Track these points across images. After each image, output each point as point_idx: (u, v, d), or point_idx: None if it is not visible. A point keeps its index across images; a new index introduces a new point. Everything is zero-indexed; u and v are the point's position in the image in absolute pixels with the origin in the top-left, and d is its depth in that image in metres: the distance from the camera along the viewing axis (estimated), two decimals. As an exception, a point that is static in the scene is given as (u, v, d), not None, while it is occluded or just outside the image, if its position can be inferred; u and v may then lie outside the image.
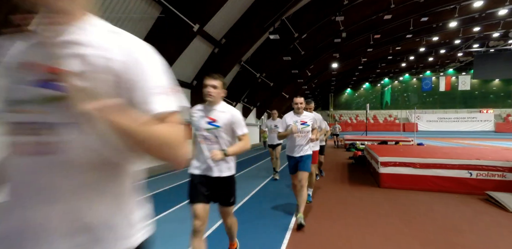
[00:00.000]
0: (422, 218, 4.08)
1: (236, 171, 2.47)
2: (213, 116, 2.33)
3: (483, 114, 39.05)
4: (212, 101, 2.34)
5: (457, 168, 5.53)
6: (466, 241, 3.30)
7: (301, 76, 21.68)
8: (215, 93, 2.33)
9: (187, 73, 10.25)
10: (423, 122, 39.58)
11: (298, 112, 3.96)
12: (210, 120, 2.32)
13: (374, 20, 16.30)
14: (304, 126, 3.91)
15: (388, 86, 38.37)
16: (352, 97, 47.86)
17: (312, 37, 15.80)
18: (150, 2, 7.08)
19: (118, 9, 6.48)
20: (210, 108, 2.36)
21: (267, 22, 10.58)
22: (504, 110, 39.51)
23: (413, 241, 3.29)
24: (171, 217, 4.22)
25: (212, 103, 2.36)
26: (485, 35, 23.37)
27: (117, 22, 6.64)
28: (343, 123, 39.89)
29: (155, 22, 7.59)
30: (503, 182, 5.26)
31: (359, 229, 3.68)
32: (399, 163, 5.90)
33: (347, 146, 15.10)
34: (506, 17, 19.37)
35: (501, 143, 18.20)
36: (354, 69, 31.99)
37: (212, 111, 2.34)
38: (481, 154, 6.66)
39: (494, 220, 3.99)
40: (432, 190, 5.62)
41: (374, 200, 5.06)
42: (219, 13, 8.54)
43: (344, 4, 12.53)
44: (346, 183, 6.58)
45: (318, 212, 4.40)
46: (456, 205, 4.73)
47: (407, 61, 32.10)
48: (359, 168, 8.70)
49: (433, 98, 43.25)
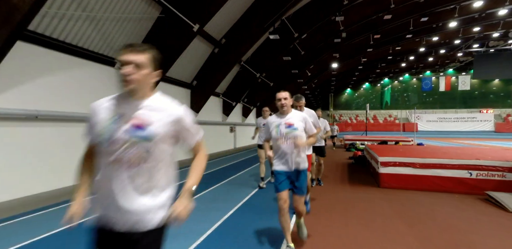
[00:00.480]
0: (422, 218, 4.08)
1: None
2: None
3: (483, 115, 39.04)
4: None
5: (457, 168, 5.53)
6: (466, 241, 3.30)
7: (301, 76, 21.67)
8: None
9: (187, 73, 10.25)
10: (423, 122, 39.57)
11: (282, 111, 3.03)
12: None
13: (374, 20, 16.29)
14: (291, 130, 2.93)
15: (388, 86, 38.39)
16: (352, 97, 47.85)
17: (312, 37, 15.79)
18: (150, 2, 7.08)
19: (118, 9, 6.48)
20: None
21: (267, 22, 10.57)
22: (504, 110, 39.50)
23: (413, 241, 3.29)
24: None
25: None
26: (485, 35, 23.36)
27: (117, 22, 6.64)
28: (343, 124, 39.92)
29: (155, 22, 7.58)
30: (503, 182, 5.26)
31: (359, 229, 3.68)
32: (399, 163, 5.90)
33: (347, 146, 15.10)
34: (506, 17, 19.36)
35: (501, 143, 18.19)
36: (354, 69, 31.97)
37: None
38: (481, 154, 6.66)
39: (494, 220, 3.99)
40: (432, 190, 5.62)
41: (374, 200, 5.06)
42: (219, 13, 8.54)
43: (344, 4, 12.52)
44: (346, 183, 6.58)
45: (318, 212, 4.40)
46: (456, 205, 4.73)
47: (407, 61, 32.08)
48: (359, 168, 8.70)
49: (433, 98, 43.25)
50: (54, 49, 5.58)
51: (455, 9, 17.07)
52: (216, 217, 4.17)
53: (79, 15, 5.73)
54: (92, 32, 6.25)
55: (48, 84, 5.48)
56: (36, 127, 5.26)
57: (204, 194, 5.69)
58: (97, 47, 6.57)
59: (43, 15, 5.08)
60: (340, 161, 10.45)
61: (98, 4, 5.99)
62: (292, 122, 2.94)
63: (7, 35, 4.17)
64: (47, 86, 5.46)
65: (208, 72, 10.90)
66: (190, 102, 11.05)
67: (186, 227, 3.77)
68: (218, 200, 5.21)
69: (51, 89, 5.54)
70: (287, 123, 2.94)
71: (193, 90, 10.99)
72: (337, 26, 15.03)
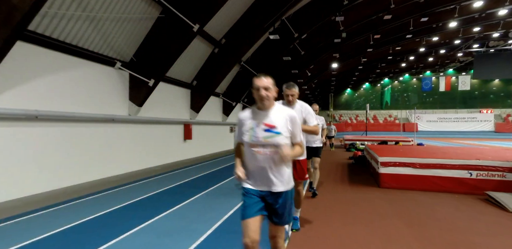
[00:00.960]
0: (422, 218, 4.08)
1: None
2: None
3: (483, 115, 38.99)
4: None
5: (457, 168, 5.53)
6: (466, 241, 3.30)
7: (301, 76, 21.66)
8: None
9: (187, 73, 10.25)
10: (423, 122, 39.53)
11: (261, 105, 2.09)
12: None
13: (374, 20, 16.28)
14: (270, 135, 2.02)
15: (388, 86, 38.38)
16: (352, 97, 47.81)
17: (312, 37, 15.79)
18: (150, 2, 7.07)
19: (118, 9, 6.48)
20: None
21: (267, 22, 10.58)
22: (504, 110, 39.45)
23: (413, 241, 3.29)
24: (174, 215, 4.23)
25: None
26: (485, 35, 23.36)
27: (117, 22, 6.64)
28: (343, 124, 39.88)
29: (155, 22, 7.58)
30: (503, 182, 5.26)
31: (359, 229, 3.68)
32: (399, 163, 5.90)
33: (347, 146, 15.10)
34: (506, 17, 19.35)
35: (501, 143, 18.19)
36: (354, 69, 31.97)
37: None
38: (481, 154, 6.66)
39: (494, 220, 3.99)
40: (432, 190, 5.62)
41: (374, 200, 5.06)
42: (219, 13, 8.54)
43: (344, 4, 12.51)
44: (346, 183, 6.58)
45: (318, 212, 4.40)
46: (456, 205, 4.73)
47: (407, 61, 32.07)
48: (359, 168, 8.71)
49: (433, 99, 43.20)
50: (54, 49, 5.58)
51: (455, 9, 17.06)
52: (217, 216, 4.17)
53: (79, 15, 5.73)
54: (92, 32, 6.25)
55: (48, 84, 5.48)
56: (36, 127, 5.26)
57: (211, 190, 5.68)
58: (97, 47, 6.57)
59: (43, 15, 5.08)
60: (340, 161, 10.45)
61: (98, 4, 5.99)
62: (273, 124, 2.04)
63: (7, 35, 4.17)
64: (47, 86, 5.46)
65: (208, 72, 10.90)
66: (190, 102, 11.05)
67: (185, 227, 3.77)
68: (220, 198, 5.21)
69: (51, 89, 5.54)
70: (266, 125, 2.04)
71: (193, 90, 10.99)
72: (337, 26, 15.03)
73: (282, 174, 2.08)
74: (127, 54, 7.47)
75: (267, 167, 2.05)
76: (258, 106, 2.12)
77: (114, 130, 7.21)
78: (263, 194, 2.09)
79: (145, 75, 7.60)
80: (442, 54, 29.91)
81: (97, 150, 6.66)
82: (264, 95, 2.05)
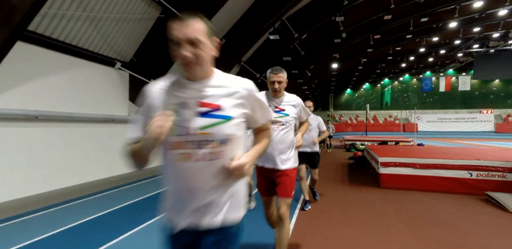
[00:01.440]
0: (422, 218, 4.07)
1: None
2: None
3: (483, 115, 38.97)
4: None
5: (457, 168, 5.53)
6: (466, 241, 3.30)
7: (301, 77, 21.66)
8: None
9: (187, 73, 10.26)
10: (423, 122, 39.51)
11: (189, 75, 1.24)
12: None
13: (374, 20, 16.28)
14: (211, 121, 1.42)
15: (388, 86, 38.39)
16: (352, 97, 47.80)
17: (312, 37, 15.79)
18: (150, 2, 7.08)
19: (118, 9, 6.49)
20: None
21: (267, 22, 10.58)
22: (504, 110, 39.45)
23: (413, 241, 3.29)
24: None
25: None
26: (485, 36, 23.35)
27: (117, 22, 6.64)
28: (343, 124, 39.87)
29: (155, 22, 7.59)
30: (503, 182, 5.26)
31: (359, 229, 3.68)
32: (399, 163, 5.90)
33: (347, 146, 15.10)
34: (506, 18, 19.34)
35: (501, 143, 18.18)
36: (354, 69, 31.97)
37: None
38: (481, 154, 6.65)
39: (494, 220, 3.99)
40: (432, 190, 5.61)
41: (374, 200, 5.05)
42: (219, 13, 8.55)
43: (344, 4, 12.52)
44: (346, 183, 6.57)
45: (318, 212, 4.40)
46: (456, 205, 4.73)
47: (407, 62, 32.06)
48: (359, 168, 8.70)
49: (433, 99, 43.19)
50: (54, 49, 5.58)
51: (455, 9, 17.06)
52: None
53: (79, 15, 5.73)
54: (92, 33, 6.25)
55: (48, 85, 5.48)
56: (36, 127, 5.26)
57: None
58: (97, 47, 6.57)
59: (43, 15, 5.08)
60: (340, 161, 10.45)
61: (98, 5, 5.99)
62: (218, 104, 1.41)
63: (7, 35, 4.17)
64: (47, 87, 5.46)
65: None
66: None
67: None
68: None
69: (51, 89, 5.55)
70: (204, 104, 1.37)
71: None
72: (337, 27, 15.03)
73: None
74: (127, 55, 7.48)
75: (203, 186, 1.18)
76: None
77: (114, 130, 7.21)
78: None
79: (145, 75, 7.60)
80: (442, 55, 29.91)
81: (97, 150, 6.66)
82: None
